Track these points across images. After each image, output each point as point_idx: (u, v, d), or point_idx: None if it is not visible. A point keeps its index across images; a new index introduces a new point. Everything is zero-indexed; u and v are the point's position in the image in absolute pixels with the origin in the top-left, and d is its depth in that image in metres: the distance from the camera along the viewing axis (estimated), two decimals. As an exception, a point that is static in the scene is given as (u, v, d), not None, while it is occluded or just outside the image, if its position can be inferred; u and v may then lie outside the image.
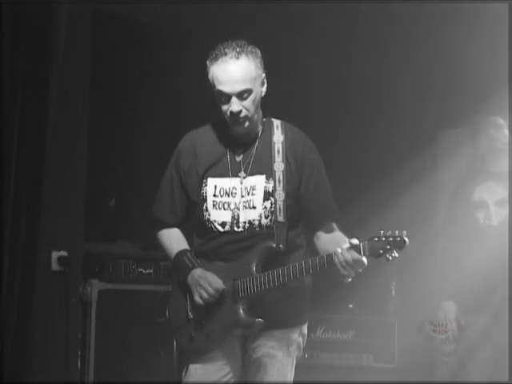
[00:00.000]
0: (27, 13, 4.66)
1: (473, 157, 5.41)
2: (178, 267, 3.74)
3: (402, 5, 5.56)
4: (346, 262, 3.43)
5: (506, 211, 5.16)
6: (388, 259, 3.42)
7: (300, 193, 3.69)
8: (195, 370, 3.69)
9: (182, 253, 3.74)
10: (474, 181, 5.30)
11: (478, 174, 5.32)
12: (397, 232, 3.42)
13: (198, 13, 5.84)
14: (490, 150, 5.25)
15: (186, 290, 3.70)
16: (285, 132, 3.73)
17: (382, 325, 5.86)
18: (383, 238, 3.42)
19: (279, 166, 3.67)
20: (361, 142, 6.46)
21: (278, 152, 3.68)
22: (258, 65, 3.63)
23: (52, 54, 4.81)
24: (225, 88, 3.60)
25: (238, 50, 3.59)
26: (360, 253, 3.42)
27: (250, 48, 3.62)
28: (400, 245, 3.41)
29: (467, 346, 5.17)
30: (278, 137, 3.71)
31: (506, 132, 5.23)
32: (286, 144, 3.70)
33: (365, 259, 3.44)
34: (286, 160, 3.67)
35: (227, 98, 3.61)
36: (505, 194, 5.18)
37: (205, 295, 3.62)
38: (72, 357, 5.10)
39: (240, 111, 3.61)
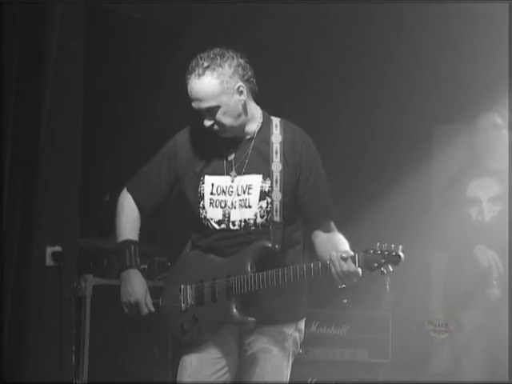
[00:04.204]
0: (21, 10, 4.65)
1: (469, 153, 5.42)
2: (118, 255, 3.78)
3: (400, 4, 5.56)
4: (343, 272, 3.44)
5: (498, 208, 5.17)
6: (383, 272, 3.42)
7: (298, 192, 3.68)
8: (190, 363, 3.69)
9: (126, 244, 3.76)
10: (468, 176, 5.31)
11: (473, 169, 5.32)
12: (392, 246, 3.42)
13: (194, 8, 5.83)
14: (487, 147, 5.26)
15: (180, 281, 3.72)
16: (283, 131, 3.71)
17: (377, 320, 5.86)
18: (379, 252, 3.42)
19: (277, 166, 3.65)
20: (357, 136, 6.46)
21: (276, 152, 3.67)
22: (227, 78, 3.57)
23: (45, 51, 4.80)
24: (193, 105, 3.63)
25: (205, 65, 3.57)
26: (354, 263, 3.43)
27: (219, 61, 3.58)
28: (395, 260, 3.41)
29: (462, 342, 5.19)
30: (277, 137, 3.70)
31: (504, 129, 5.24)
32: (285, 144, 3.68)
33: (359, 270, 3.45)
34: (284, 160, 3.66)
35: (199, 112, 3.64)
36: (498, 190, 5.19)
37: (126, 300, 3.71)
38: (66, 352, 5.09)
39: (212, 125, 3.63)
